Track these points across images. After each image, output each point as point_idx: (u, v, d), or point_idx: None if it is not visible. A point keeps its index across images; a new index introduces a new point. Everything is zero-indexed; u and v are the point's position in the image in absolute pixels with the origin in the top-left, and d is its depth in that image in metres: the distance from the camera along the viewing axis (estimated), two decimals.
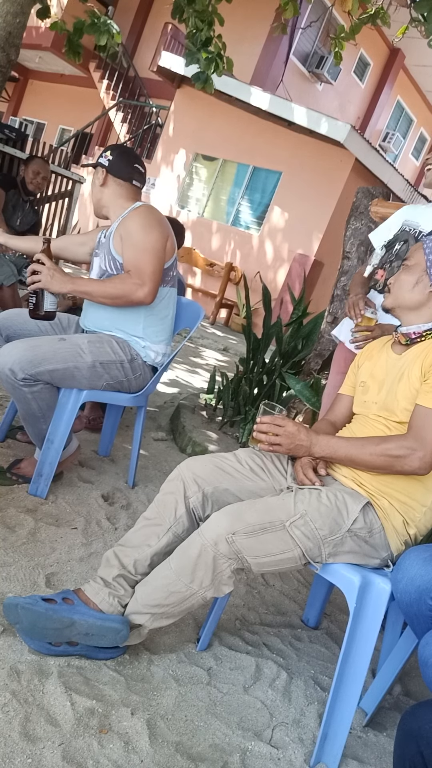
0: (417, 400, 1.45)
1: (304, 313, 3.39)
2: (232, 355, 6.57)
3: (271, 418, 1.50)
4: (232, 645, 1.67)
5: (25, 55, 13.48)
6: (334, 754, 1.35)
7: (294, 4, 4.59)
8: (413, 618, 1.29)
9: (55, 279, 1.99)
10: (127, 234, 2.09)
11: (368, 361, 1.70)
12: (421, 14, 3.57)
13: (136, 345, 2.16)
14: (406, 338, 1.58)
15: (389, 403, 1.52)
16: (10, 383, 1.91)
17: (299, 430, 1.49)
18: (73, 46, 4.62)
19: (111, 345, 2.09)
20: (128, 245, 2.08)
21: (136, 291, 2.01)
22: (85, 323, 2.23)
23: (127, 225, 2.11)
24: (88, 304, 2.22)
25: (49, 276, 1.98)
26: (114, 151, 2.22)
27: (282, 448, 1.49)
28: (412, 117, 15.36)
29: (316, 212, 8.64)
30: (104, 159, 2.21)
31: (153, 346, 2.19)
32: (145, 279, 2.02)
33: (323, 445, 1.50)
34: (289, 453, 1.51)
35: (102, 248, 2.19)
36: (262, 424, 1.49)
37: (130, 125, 12.00)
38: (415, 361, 1.51)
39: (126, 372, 2.13)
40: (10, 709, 1.22)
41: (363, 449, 1.45)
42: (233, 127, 9.60)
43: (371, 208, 3.00)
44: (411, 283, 1.58)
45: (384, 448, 1.42)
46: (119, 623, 1.40)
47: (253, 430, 1.51)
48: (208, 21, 4.50)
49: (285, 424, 1.49)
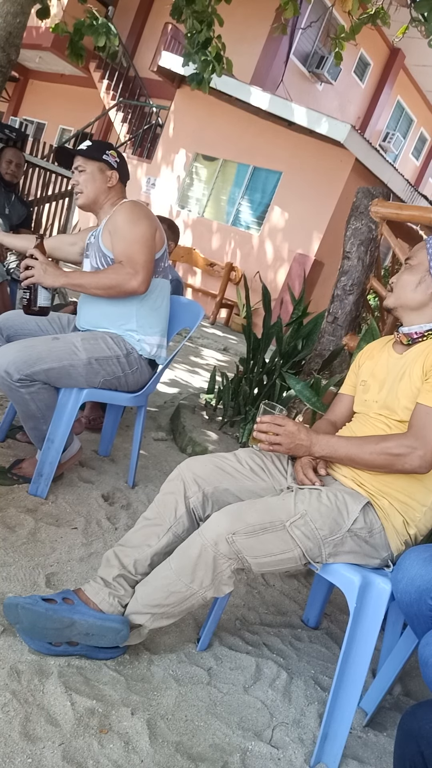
0: (418, 399, 1.45)
1: (304, 313, 3.39)
2: (232, 355, 6.57)
3: (271, 418, 1.50)
4: (232, 645, 1.67)
5: (25, 55, 13.48)
6: (334, 754, 1.35)
7: (294, 4, 4.59)
8: (413, 618, 1.29)
9: (48, 273, 2.00)
10: (115, 228, 2.10)
11: (369, 360, 1.70)
12: (421, 14, 3.57)
13: (131, 339, 2.16)
14: (407, 338, 1.58)
15: (390, 401, 1.52)
16: (7, 385, 1.91)
17: (299, 429, 1.49)
18: (75, 48, 4.63)
19: (105, 341, 2.09)
20: (118, 238, 2.09)
21: (130, 280, 2.02)
22: (80, 323, 2.24)
23: (115, 220, 2.12)
24: (81, 303, 2.23)
25: (42, 270, 2.00)
26: (116, 151, 2.23)
27: (282, 447, 1.49)
28: (412, 117, 15.36)
29: (316, 212, 8.64)
30: (112, 159, 2.21)
31: (148, 339, 2.19)
32: (138, 268, 2.03)
33: (323, 444, 1.50)
34: (289, 452, 1.50)
35: (92, 248, 2.21)
36: (262, 424, 1.49)
37: (130, 125, 12.00)
38: (417, 361, 1.51)
39: (123, 367, 2.12)
40: (10, 709, 1.22)
41: (363, 448, 1.45)
42: (233, 127, 9.60)
43: (371, 208, 3.00)
44: (413, 283, 1.57)
45: (384, 447, 1.41)
46: (119, 623, 1.40)
47: (254, 429, 1.51)
48: (208, 22, 4.50)
49: (285, 423, 1.49)
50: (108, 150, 2.22)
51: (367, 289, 3.16)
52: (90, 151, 2.19)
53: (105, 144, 2.25)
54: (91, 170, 2.19)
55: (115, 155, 2.22)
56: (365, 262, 3.10)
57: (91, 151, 2.19)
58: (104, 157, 2.20)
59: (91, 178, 2.19)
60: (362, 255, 3.10)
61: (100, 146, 2.22)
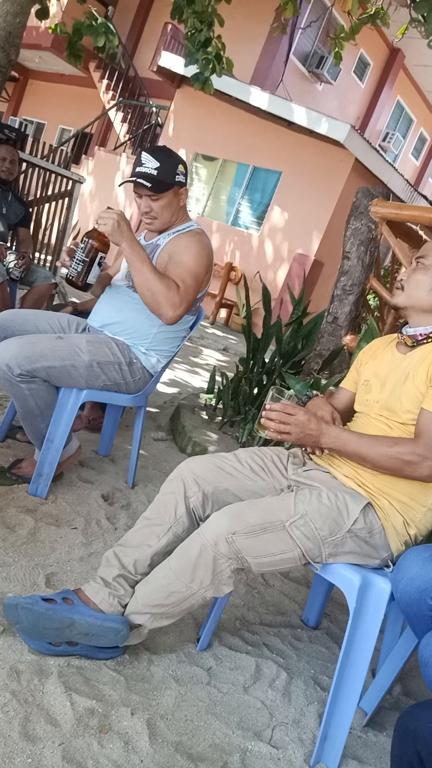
0: (423, 405, 1.44)
1: (304, 313, 3.39)
2: (232, 355, 6.57)
3: (282, 406, 1.44)
4: (232, 645, 1.67)
5: (25, 55, 13.48)
6: (334, 754, 1.35)
7: (294, 4, 4.58)
8: (413, 618, 1.29)
9: (121, 229, 1.87)
10: (178, 252, 2.04)
11: (372, 360, 1.68)
12: (421, 14, 3.57)
13: (137, 350, 2.15)
14: (412, 340, 1.56)
15: (392, 403, 1.51)
16: (7, 379, 1.91)
17: (309, 419, 1.45)
18: (74, 49, 4.62)
19: (110, 346, 2.09)
20: (176, 263, 2.02)
21: (169, 309, 1.95)
22: (94, 320, 2.21)
23: (179, 244, 2.05)
24: (104, 303, 2.19)
25: (115, 224, 1.87)
26: (183, 163, 2.08)
27: (291, 436, 1.44)
28: (412, 117, 15.36)
29: (316, 212, 8.64)
30: (182, 176, 2.07)
31: (155, 355, 2.19)
32: (182, 302, 1.97)
33: (333, 436, 1.46)
34: (297, 442, 1.46)
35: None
36: (272, 411, 1.44)
37: (130, 125, 12.00)
38: (421, 364, 1.49)
39: (124, 374, 2.11)
40: (10, 709, 1.22)
41: (375, 449, 1.42)
42: (233, 127, 9.60)
43: (371, 208, 3.00)
44: (429, 284, 1.53)
45: (396, 452, 1.40)
46: (119, 623, 1.40)
47: (261, 415, 1.45)
48: (208, 22, 4.50)
49: (296, 412, 1.44)
50: (177, 167, 2.04)
51: (367, 289, 3.16)
52: (163, 177, 2.01)
53: (173, 161, 2.05)
54: (167, 197, 2.05)
55: (183, 170, 2.07)
56: (365, 262, 3.10)
57: (164, 178, 2.01)
58: (176, 179, 2.05)
59: (167, 204, 2.07)
60: (362, 255, 3.10)
61: (170, 165, 2.03)
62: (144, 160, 2.02)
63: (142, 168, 2.01)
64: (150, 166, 2.00)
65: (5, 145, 3.90)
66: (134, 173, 2.03)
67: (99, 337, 2.10)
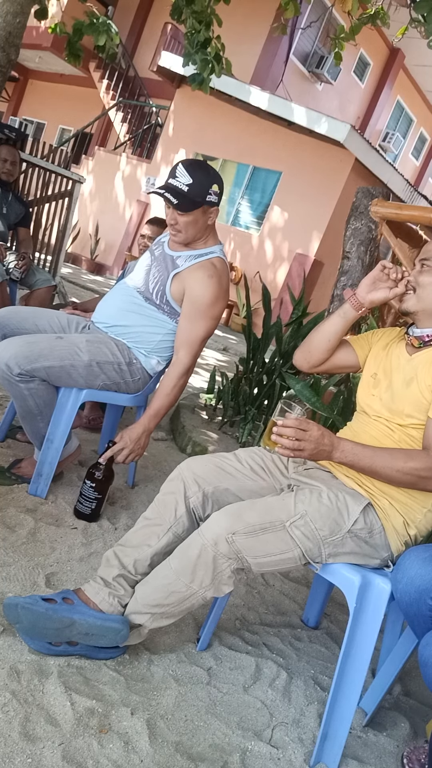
0: (429, 413, 1.43)
1: (304, 313, 3.39)
2: (232, 355, 6.57)
3: (296, 422, 1.36)
4: (232, 645, 1.67)
5: (25, 55, 13.48)
6: (334, 753, 1.35)
7: (294, 4, 4.59)
8: (413, 618, 1.29)
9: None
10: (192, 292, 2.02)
11: (382, 350, 1.65)
12: (421, 15, 3.57)
13: (137, 351, 2.15)
14: (419, 341, 1.55)
15: (394, 405, 1.51)
16: (6, 378, 1.91)
17: (323, 434, 1.38)
18: (73, 49, 4.62)
19: (109, 346, 2.08)
20: (191, 311, 2.03)
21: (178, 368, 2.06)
22: (98, 318, 2.19)
23: (196, 287, 2.01)
24: (111, 303, 2.18)
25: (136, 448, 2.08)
26: (218, 183, 1.99)
27: (304, 453, 1.36)
28: (412, 117, 15.36)
29: (316, 212, 8.64)
30: (214, 196, 1.98)
31: (155, 357, 2.18)
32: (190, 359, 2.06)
33: (346, 451, 1.41)
34: (309, 458, 1.41)
35: (156, 265, 2.11)
36: (286, 428, 1.35)
37: (129, 125, 12.01)
38: (426, 368, 1.48)
39: (123, 375, 2.11)
40: (10, 709, 1.22)
41: (389, 464, 1.39)
42: (233, 127, 9.60)
43: (371, 208, 3.00)
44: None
45: (411, 468, 1.38)
46: (119, 623, 1.40)
47: (271, 431, 1.37)
48: (207, 22, 4.50)
49: (310, 428, 1.36)
50: (211, 186, 1.95)
51: None
52: (194, 195, 1.93)
53: (209, 179, 1.94)
54: (194, 215, 1.98)
55: (217, 189, 1.97)
56: (365, 262, 3.10)
57: (195, 196, 1.93)
58: (208, 198, 1.95)
59: (193, 222, 1.99)
60: (362, 255, 3.10)
61: (205, 184, 1.93)
62: (178, 174, 1.93)
63: (174, 181, 1.94)
64: (182, 181, 1.92)
65: (6, 145, 3.89)
66: (165, 184, 1.96)
67: (99, 337, 2.10)
